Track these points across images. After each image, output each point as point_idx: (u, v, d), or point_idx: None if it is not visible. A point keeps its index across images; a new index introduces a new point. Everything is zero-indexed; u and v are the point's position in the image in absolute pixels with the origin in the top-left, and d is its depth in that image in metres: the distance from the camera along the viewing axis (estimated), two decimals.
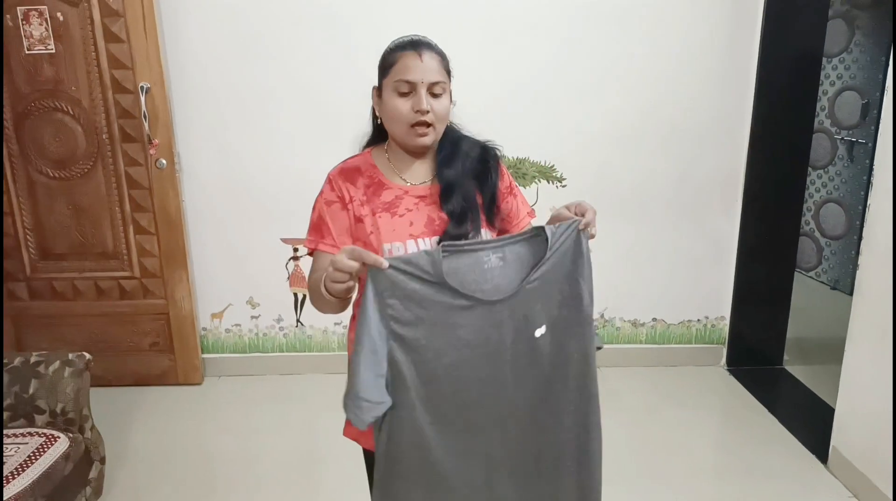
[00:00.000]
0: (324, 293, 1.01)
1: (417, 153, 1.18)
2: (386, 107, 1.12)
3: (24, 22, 2.41)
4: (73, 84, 2.47)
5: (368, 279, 0.93)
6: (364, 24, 2.52)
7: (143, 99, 2.46)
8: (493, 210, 1.19)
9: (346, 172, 1.18)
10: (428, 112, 1.09)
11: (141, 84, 2.46)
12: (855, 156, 3.69)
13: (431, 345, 0.94)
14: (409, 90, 1.09)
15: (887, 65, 1.90)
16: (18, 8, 2.38)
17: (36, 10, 2.39)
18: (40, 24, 2.42)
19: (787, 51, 2.61)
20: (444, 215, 1.14)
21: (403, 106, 1.09)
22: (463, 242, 0.99)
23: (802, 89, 2.70)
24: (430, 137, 1.12)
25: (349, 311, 1.19)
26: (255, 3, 2.50)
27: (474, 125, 1.25)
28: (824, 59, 3.64)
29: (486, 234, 1.17)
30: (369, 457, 1.28)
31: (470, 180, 1.15)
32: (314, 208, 1.18)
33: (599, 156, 2.71)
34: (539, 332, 0.99)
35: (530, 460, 1.05)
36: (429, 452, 0.99)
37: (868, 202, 1.97)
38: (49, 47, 2.43)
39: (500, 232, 1.22)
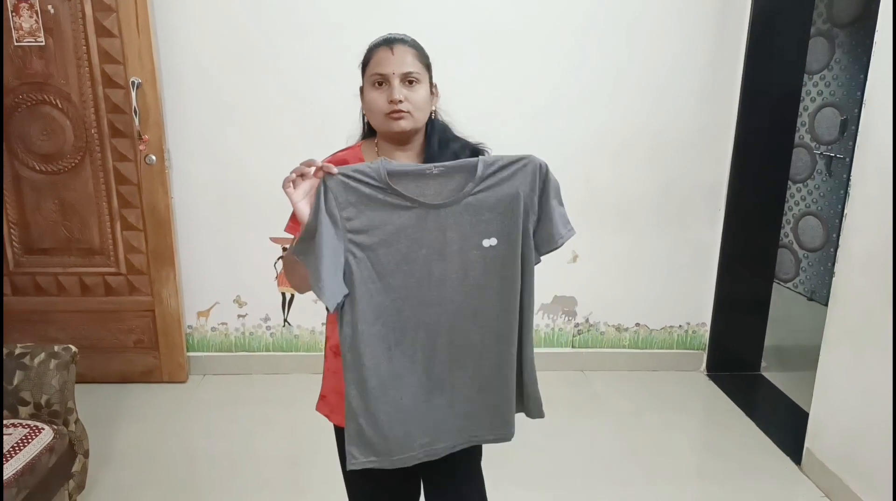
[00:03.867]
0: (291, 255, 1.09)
1: (400, 142, 1.22)
2: (365, 101, 1.19)
3: (13, 13, 2.39)
4: (62, 78, 2.46)
5: (320, 189, 1.02)
6: (356, 29, 2.53)
7: (133, 94, 2.46)
8: None
9: (334, 163, 1.21)
10: (401, 101, 1.14)
11: (132, 79, 2.46)
12: (833, 170, 3.79)
13: (384, 241, 1.05)
14: (383, 82, 1.15)
15: (865, 82, 1.98)
16: None
17: (26, 1, 2.38)
18: (30, 17, 2.40)
19: (770, 67, 2.69)
20: None
21: (379, 98, 1.15)
22: (406, 164, 1.09)
23: (784, 105, 2.78)
24: (407, 122, 1.16)
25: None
26: (248, 3, 2.51)
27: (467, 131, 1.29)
28: (805, 76, 3.74)
29: None
30: (340, 434, 1.30)
31: None
32: None
33: (586, 165, 2.76)
34: (488, 242, 1.07)
35: (471, 365, 1.13)
36: (386, 342, 1.08)
37: (845, 213, 2.04)
38: (39, 40, 2.42)
39: None
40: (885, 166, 1.86)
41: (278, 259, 2.78)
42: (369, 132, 1.28)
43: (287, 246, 2.74)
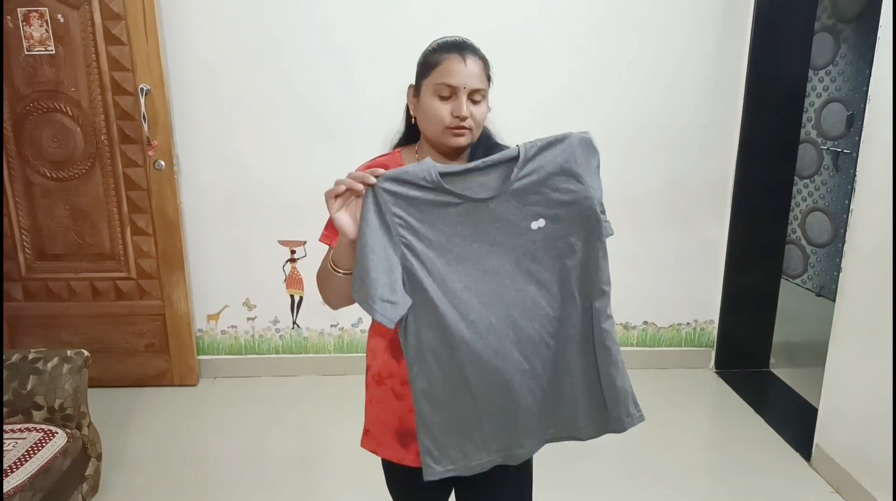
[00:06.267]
0: (330, 267, 1.06)
1: (450, 155, 1.16)
2: (424, 108, 1.12)
3: (24, 23, 2.43)
4: (72, 85, 2.50)
5: (368, 195, 0.97)
6: (363, 32, 2.57)
7: (142, 101, 2.49)
8: None
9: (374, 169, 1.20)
10: (467, 118, 1.09)
11: (141, 86, 2.49)
12: (840, 166, 3.78)
13: (436, 244, 1.01)
14: (450, 94, 1.09)
15: (871, 77, 1.97)
16: (19, 9, 2.40)
17: (36, 11, 2.41)
18: (41, 26, 2.44)
19: (775, 63, 2.68)
20: None
21: (443, 109, 1.09)
22: (455, 165, 1.04)
23: (790, 100, 2.77)
24: (466, 139, 1.12)
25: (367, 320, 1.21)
26: (255, 8, 2.54)
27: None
28: (811, 72, 3.73)
29: None
30: (388, 468, 1.26)
31: None
32: None
33: None
34: (536, 224, 1.03)
35: (544, 355, 1.09)
36: (455, 349, 1.03)
37: (851, 208, 2.04)
38: (49, 49, 2.45)
39: None
40: (891, 161, 1.86)
41: (287, 261, 2.80)
42: (410, 135, 1.22)
43: (296, 249, 2.78)
